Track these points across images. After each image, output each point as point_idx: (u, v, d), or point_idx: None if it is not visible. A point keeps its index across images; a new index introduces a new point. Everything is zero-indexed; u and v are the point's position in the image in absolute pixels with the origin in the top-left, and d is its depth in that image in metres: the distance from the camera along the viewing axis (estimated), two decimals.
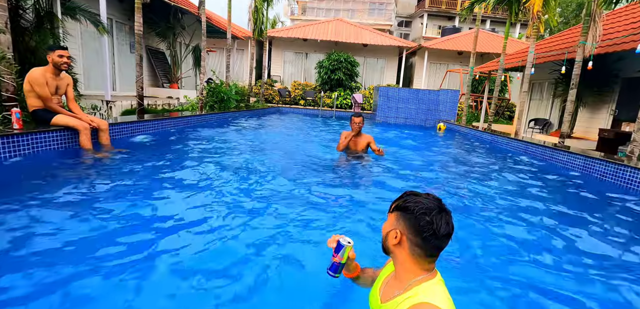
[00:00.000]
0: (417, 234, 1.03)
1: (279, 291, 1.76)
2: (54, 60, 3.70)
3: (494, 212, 3.17)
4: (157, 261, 1.87)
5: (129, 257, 1.87)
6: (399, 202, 1.10)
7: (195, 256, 1.96)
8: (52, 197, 2.55)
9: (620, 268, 2.22)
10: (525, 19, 15.44)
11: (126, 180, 3.13)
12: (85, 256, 1.84)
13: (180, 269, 1.82)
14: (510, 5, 8.74)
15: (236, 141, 5.90)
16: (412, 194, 1.09)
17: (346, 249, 1.26)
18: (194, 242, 2.11)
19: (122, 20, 9.35)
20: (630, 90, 8.55)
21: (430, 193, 1.09)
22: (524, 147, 6.93)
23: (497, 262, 2.22)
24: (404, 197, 1.10)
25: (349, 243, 1.27)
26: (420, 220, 1.02)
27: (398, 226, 1.07)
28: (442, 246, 1.04)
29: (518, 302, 1.82)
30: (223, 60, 16.98)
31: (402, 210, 1.07)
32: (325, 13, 32.59)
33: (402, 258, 1.08)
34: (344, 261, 1.28)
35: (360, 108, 15.98)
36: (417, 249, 1.04)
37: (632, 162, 4.59)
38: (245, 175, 3.76)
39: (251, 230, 2.37)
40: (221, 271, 1.85)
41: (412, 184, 4.04)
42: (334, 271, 1.29)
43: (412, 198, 1.07)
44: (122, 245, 1.99)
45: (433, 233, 1.00)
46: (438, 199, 1.07)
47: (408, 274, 1.07)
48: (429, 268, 1.07)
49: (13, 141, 3.32)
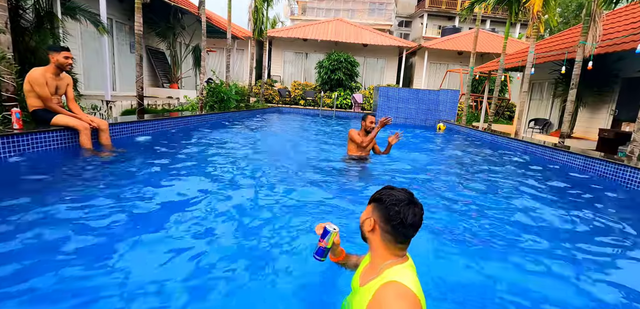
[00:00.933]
0: (387, 222, 1.16)
1: (274, 279, 1.78)
2: (60, 62, 3.70)
3: (493, 213, 3.17)
4: (157, 260, 1.87)
5: (129, 255, 1.87)
6: (375, 194, 1.24)
7: (194, 255, 1.96)
8: (52, 197, 2.55)
9: (620, 268, 2.22)
10: (525, 19, 15.45)
11: (125, 180, 3.13)
12: (85, 255, 1.84)
13: (180, 268, 1.82)
14: (510, 5, 8.74)
15: (236, 141, 5.91)
16: (388, 188, 1.23)
17: (332, 234, 1.38)
18: (193, 241, 2.11)
19: (122, 20, 9.35)
20: (630, 90, 8.55)
21: (405, 188, 1.22)
22: (524, 147, 6.92)
23: (497, 261, 2.22)
24: (381, 190, 1.23)
25: (334, 229, 1.39)
26: (390, 210, 1.15)
27: (373, 216, 1.20)
28: (409, 234, 1.16)
29: (517, 302, 1.82)
30: (223, 60, 16.98)
31: (377, 201, 1.20)
32: (325, 13, 32.58)
33: (375, 244, 1.21)
34: (329, 246, 1.40)
35: (360, 108, 15.98)
36: (387, 235, 1.17)
37: (632, 162, 4.60)
38: (245, 175, 3.76)
39: (250, 228, 2.37)
40: (219, 265, 1.85)
41: (410, 183, 4.04)
42: (320, 255, 1.42)
43: (387, 191, 1.20)
44: (122, 245, 1.99)
45: (400, 222, 1.13)
46: (410, 193, 1.20)
47: (380, 259, 1.20)
48: (399, 254, 1.19)
49: (13, 141, 3.32)
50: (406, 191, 1.20)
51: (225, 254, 2.01)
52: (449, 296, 1.78)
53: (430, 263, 2.07)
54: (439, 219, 2.83)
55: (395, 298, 1.03)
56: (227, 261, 1.94)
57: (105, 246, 1.97)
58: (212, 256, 1.97)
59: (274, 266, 1.94)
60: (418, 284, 1.11)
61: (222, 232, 2.30)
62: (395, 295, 1.04)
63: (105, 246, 1.97)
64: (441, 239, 2.41)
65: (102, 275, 1.70)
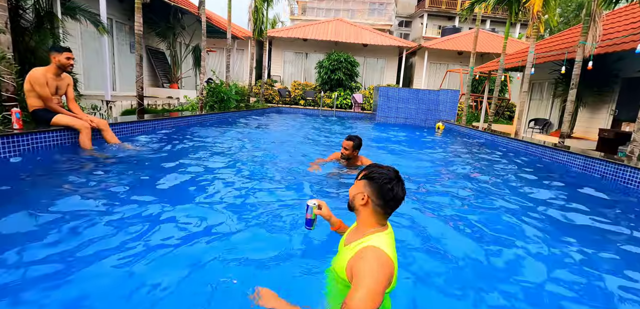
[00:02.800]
0: (380, 198, 1.35)
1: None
2: (61, 62, 3.70)
3: (493, 213, 3.17)
4: (156, 258, 1.87)
5: (129, 255, 1.87)
6: (365, 172, 1.42)
7: (193, 253, 1.96)
8: (51, 196, 2.55)
9: (620, 268, 2.22)
10: (525, 19, 15.47)
11: (125, 179, 3.13)
12: (85, 255, 1.84)
13: (180, 267, 1.82)
14: (510, 5, 8.74)
15: (236, 140, 5.91)
16: (376, 166, 1.42)
17: (312, 208, 1.78)
18: (193, 241, 2.11)
19: (122, 20, 9.35)
20: (630, 90, 8.55)
21: (390, 166, 1.41)
22: (524, 147, 6.92)
23: (496, 262, 2.22)
24: (370, 168, 1.42)
25: (314, 204, 1.79)
26: (383, 187, 1.34)
27: (365, 191, 1.38)
28: (397, 206, 1.38)
29: (516, 302, 1.82)
30: (223, 60, 16.98)
31: (369, 178, 1.38)
32: (325, 13, 32.59)
33: (365, 214, 1.40)
34: (313, 217, 1.80)
35: (360, 108, 15.98)
36: (378, 208, 1.37)
37: (632, 162, 4.60)
38: (245, 174, 3.76)
39: (249, 226, 2.37)
40: (218, 260, 1.86)
41: (410, 183, 4.04)
42: (308, 226, 1.84)
43: (377, 169, 1.40)
44: (121, 244, 1.99)
45: (393, 198, 1.35)
46: (396, 171, 1.40)
47: (366, 227, 1.39)
48: (383, 223, 1.40)
49: (13, 141, 3.33)
50: (393, 168, 1.40)
51: (228, 254, 2.01)
52: (448, 290, 1.78)
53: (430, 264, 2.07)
54: (436, 219, 2.83)
55: (373, 257, 1.23)
56: (231, 259, 1.94)
57: (104, 245, 1.97)
58: (211, 253, 1.98)
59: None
60: (394, 250, 1.33)
61: (223, 230, 2.30)
62: (373, 255, 1.24)
63: (104, 245, 1.97)
64: (435, 238, 2.42)
65: (101, 275, 1.70)
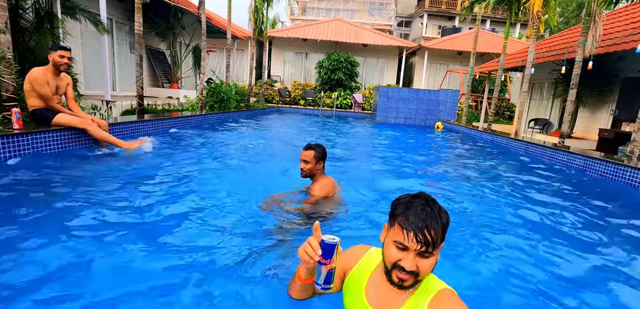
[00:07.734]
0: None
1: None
2: (55, 60, 3.70)
3: (492, 213, 3.17)
4: (157, 257, 1.87)
5: (129, 253, 1.87)
6: (442, 233, 1.00)
7: (192, 252, 1.96)
8: (52, 196, 2.55)
9: (620, 268, 2.22)
10: (525, 19, 15.47)
11: (125, 180, 3.14)
12: (85, 255, 1.84)
13: (181, 266, 1.82)
14: (510, 5, 8.74)
15: (235, 140, 5.90)
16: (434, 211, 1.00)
17: (337, 249, 0.99)
18: (192, 240, 2.11)
19: (122, 20, 9.35)
20: (630, 90, 8.55)
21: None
22: (524, 147, 6.92)
23: (495, 261, 2.22)
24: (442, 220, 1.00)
25: (335, 240, 0.99)
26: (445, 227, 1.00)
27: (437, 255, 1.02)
28: None
29: (515, 303, 1.82)
30: (223, 60, 16.97)
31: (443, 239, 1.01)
32: (325, 13, 32.60)
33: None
34: (335, 265, 1.01)
35: (360, 108, 15.98)
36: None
37: (632, 162, 4.59)
38: (245, 174, 3.76)
39: (246, 225, 2.37)
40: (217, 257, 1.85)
41: (410, 182, 4.04)
42: (328, 283, 1.01)
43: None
44: (121, 244, 1.99)
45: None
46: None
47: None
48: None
49: (13, 141, 3.32)
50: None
51: (228, 253, 2.01)
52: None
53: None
54: None
55: (456, 303, 1.00)
56: (231, 258, 1.94)
57: (104, 246, 1.97)
58: (210, 253, 1.97)
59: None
60: None
61: (221, 229, 2.30)
62: (453, 298, 1.01)
63: (104, 246, 1.97)
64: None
65: (101, 275, 1.70)
